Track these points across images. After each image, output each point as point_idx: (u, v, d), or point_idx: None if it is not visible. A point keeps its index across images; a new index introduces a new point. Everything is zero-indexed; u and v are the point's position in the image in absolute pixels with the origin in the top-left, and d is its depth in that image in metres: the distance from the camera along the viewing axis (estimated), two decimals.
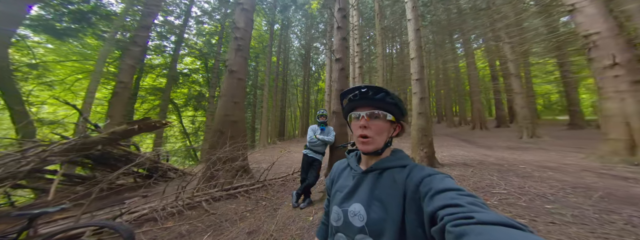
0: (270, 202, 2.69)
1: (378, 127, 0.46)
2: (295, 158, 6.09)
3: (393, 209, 0.39)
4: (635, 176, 2.59)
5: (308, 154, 2.53)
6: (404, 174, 0.42)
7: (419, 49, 4.09)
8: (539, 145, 5.37)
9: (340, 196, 0.49)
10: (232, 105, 3.63)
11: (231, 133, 3.47)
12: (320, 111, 2.62)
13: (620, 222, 1.54)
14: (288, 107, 21.20)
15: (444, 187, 0.34)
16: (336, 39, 3.16)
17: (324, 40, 17.33)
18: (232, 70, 3.79)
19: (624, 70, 3.46)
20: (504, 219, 0.24)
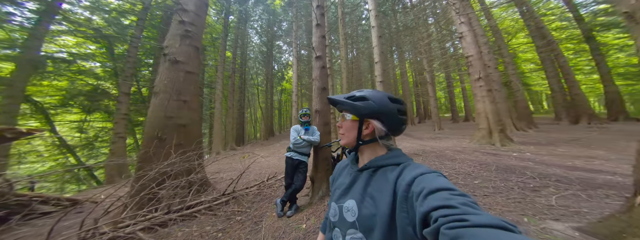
0: (246, 216, 2.16)
1: (345, 126, 0.50)
2: (266, 163, 5.27)
3: (383, 206, 0.38)
4: (497, 152, 3.63)
5: (293, 157, 2.18)
6: (396, 172, 0.41)
7: (382, 54, 4.24)
8: (445, 135, 6.95)
9: (338, 193, 0.49)
10: (177, 105, 2.66)
11: (178, 140, 2.55)
12: (303, 110, 2.28)
13: (516, 187, 1.91)
14: (247, 108, 18.44)
15: (437, 186, 0.32)
16: (316, 36, 2.87)
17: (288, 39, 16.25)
18: (176, 60, 2.69)
19: (484, 82, 4.78)
20: (496, 221, 0.24)
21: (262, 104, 17.81)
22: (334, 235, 0.46)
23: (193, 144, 2.68)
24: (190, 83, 2.83)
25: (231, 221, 2.03)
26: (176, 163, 2.26)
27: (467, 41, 5.18)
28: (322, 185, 2.34)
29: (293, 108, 9.15)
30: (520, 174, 2.32)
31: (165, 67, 2.74)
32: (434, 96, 9.38)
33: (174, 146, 2.41)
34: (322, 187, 2.33)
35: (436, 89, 11.42)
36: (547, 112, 13.33)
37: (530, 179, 2.16)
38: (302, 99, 16.57)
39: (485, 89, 4.87)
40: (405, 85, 14.99)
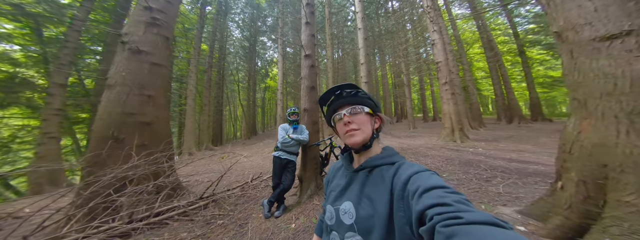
0: (230, 219, 2.02)
1: (360, 120, 0.45)
2: (249, 163, 4.95)
3: (380, 206, 0.37)
4: (458, 148, 4.16)
5: (281, 156, 2.10)
6: (392, 171, 0.40)
7: (368, 56, 4.35)
8: (418, 133, 7.65)
9: (334, 195, 0.47)
10: (139, 100, 2.27)
11: (141, 140, 2.19)
12: (291, 109, 2.20)
13: (474, 179, 2.22)
14: (226, 106, 16.98)
15: (432, 184, 0.32)
16: (305, 35, 2.77)
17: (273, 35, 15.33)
18: (139, 50, 2.30)
19: (449, 86, 5.38)
20: (489, 218, 0.24)
21: (243, 102, 16.62)
22: (331, 238, 0.44)
23: (161, 144, 2.32)
24: (157, 76, 2.43)
25: (212, 225, 1.89)
26: (140, 166, 1.93)
27: (438, 48, 5.75)
28: (311, 184, 2.32)
29: (278, 106, 8.72)
30: (476, 167, 2.71)
31: (124, 57, 2.28)
32: (409, 97, 10.21)
33: (135, 147, 2.04)
34: (311, 186, 2.31)
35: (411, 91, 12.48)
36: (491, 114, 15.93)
37: (483, 171, 2.53)
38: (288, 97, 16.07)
39: (450, 92, 5.51)
40: (386, 86, 15.88)
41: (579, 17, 1.10)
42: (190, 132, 7.84)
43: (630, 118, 0.96)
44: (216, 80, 12.62)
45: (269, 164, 4.61)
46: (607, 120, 1.03)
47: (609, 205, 1.00)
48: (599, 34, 1.04)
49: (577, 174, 1.14)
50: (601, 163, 1.04)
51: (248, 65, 15.91)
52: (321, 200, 2.14)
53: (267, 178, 3.25)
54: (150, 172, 2.02)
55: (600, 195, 1.04)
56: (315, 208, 2.02)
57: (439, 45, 5.76)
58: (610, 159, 1.01)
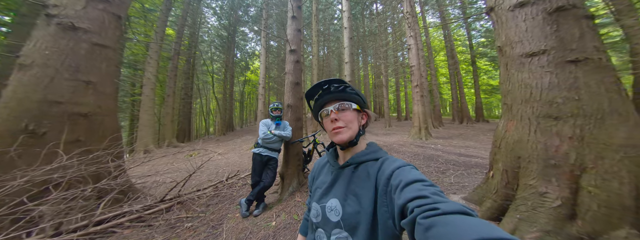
0: (200, 221, 1.86)
1: (347, 117, 0.44)
2: (224, 161, 4.58)
3: (366, 202, 0.38)
4: (423, 145, 4.68)
5: (262, 153, 2.01)
6: (376, 167, 0.40)
7: (352, 55, 4.38)
8: (393, 131, 8.26)
9: (319, 192, 0.46)
10: (72, 87, 1.83)
11: (75, 135, 1.79)
12: (274, 104, 2.10)
13: (434, 171, 2.52)
14: (197, 98, 15.20)
15: (412, 178, 0.33)
16: (291, 29, 2.62)
17: (255, 26, 14.13)
18: (74, 26, 1.86)
19: (419, 88, 5.91)
20: (461, 207, 0.26)
21: (218, 95, 15.12)
22: (317, 236, 0.44)
23: (104, 140, 1.91)
24: (101, 60, 1.98)
25: (177, 229, 1.71)
26: (71, 166, 1.56)
27: (413, 53, 6.22)
28: (293, 181, 2.26)
29: (259, 101, 8.20)
30: (436, 161, 3.10)
31: (50, 33, 1.76)
32: (387, 98, 10.90)
33: (64, 144, 1.63)
34: (293, 183, 2.26)
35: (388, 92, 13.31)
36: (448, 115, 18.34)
37: (441, 164, 2.92)
38: (270, 93, 15.28)
39: (420, 95, 6.07)
40: (366, 86, 16.52)
41: (515, 35, 1.31)
42: (146, 127, 6.64)
43: (538, 120, 1.20)
44: (184, 70, 11.06)
45: (247, 161, 4.36)
46: (524, 121, 1.27)
47: (520, 188, 1.25)
48: (525, 50, 1.26)
49: (502, 165, 1.39)
50: (517, 155, 1.29)
51: (226, 56, 14.44)
52: (303, 197, 2.11)
53: (245, 176, 3.07)
54: (89, 174, 1.65)
55: (515, 181, 1.30)
56: (298, 205, 1.99)
57: (413, 50, 6.23)
58: (523, 152, 1.25)
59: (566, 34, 1.12)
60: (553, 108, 1.14)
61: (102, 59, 1.99)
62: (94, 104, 1.88)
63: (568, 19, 1.13)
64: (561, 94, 1.12)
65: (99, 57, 1.96)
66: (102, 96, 1.97)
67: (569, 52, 1.11)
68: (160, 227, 1.71)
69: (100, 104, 1.94)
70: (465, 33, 13.34)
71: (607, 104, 1.03)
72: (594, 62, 1.07)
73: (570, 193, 1.05)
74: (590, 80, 1.06)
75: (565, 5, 1.12)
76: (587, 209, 1.00)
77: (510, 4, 1.33)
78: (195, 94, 14.26)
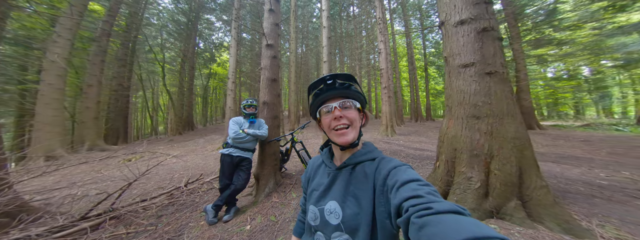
0: (149, 236, 1.60)
1: (351, 116, 0.43)
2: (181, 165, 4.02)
3: (365, 203, 0.38)
4: (389, 141, 5.29)
5: (232, 154, 1.86)
6: (373, 167, 0.41)
7: (330, 54, 4.41)
8: (365, 129, 8.73)
9: (317, 195, 0.45)
10: None
11: None
12: (248, 101, 1.96)
13: None
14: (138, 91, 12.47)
15: (408, 178, 0.33)
16: (268, 23, 2.44)
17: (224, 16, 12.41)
18: None
19: (387, 90, 6.55)
20: (453, 207, 0.26)
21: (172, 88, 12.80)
22: (316, 239, 0.43)
23: None
24: None
25: None
26: None
27: (383, 57, 6.80)
28: (269, 181, 2.16)
29: (229, 97, 7.27)
30: (399, 155, 3.53)
31: None
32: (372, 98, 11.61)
33: None
34: (269, 183, 2.15)
35: None
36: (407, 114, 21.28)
37: (402, 158, 3.34)
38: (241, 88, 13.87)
39: (387, 96, 6.73)
40: None
41: (456, 47, 1.60)
42: (49, 125, 4.83)
43: (467, 119, 1.52)
44: (118, 56, 8.80)
45: (214, 163, 3.95)
46: (458, 120, 1.58)
47: (456, 175, 1.56)
48: (462, 62, 1.56)
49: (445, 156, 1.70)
50: (454, 148, 1.60)
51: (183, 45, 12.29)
52: (281, 198, 2.04)
53: (211, 180, 2.77)
54: None
55: (453, 169, 1.61)
56: (275, 206, 1.91)
57: (383, 54, 6.83)
58: (458, 145, 1.57)
59: (486, 50, 1.46)
60: (476, 109, 1.47)
61: None
62: None
63: (489, 38, 1.47)
64: (481, 98, 1.45)
65: None
66: None
67: (487, 66, 1.45)
68: None
69: None
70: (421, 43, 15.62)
71: (505, 107, 1.40)
72: (500, 75, 1.43)
73: (485, 176, 1.38)
74: (498, 89, 1.42)
75: (487, 27, 1.45)
76: (494, 188, 1.34)
77: (454, 20, 1.61)
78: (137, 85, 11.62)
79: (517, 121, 1.40)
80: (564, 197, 1.64)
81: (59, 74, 5.06)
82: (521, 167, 1.34)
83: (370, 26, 13.72)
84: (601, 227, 1.20)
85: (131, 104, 10.81)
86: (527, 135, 1.44)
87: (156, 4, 11.68)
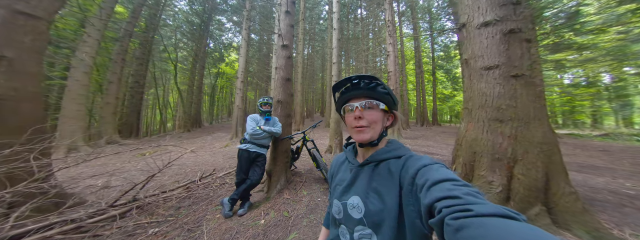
0: (170, 226, 1.66)
1: (372, 117, 0.43)
2: (193, 160, 4.09)
3: (390, 200, 0.37)
4: None
5: (250, 149, 1.92)
6: (399, 165, 0.40)
7: (339, 56, 4.44)
8: None
9: (340, 189, 0.47)
10: None
11: None
12: (264, 99, 2.03)
13: None
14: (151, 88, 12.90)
15: (440, 177, 0.31)
16: (284, 24, 2.54)
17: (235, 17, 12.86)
18: None
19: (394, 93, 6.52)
20: (501, 210, 0.23)
21: (182, 86, 13.19)
22: (341, 232, 0.44)
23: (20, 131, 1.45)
24: (25, 32, 1.51)
25: (137, 237, 1.50)
26: None
27: (391, 59, 6.77)
28: (281, 178, 2.22)
29: (237, 96, 7.53)
30: None
31: None
32: None
33: None
34: (281, 180, 2.21)
35: None
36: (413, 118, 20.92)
37: None
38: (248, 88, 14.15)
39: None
40: None
41: (479, 50, 1.59)
42: (72, 119, 5.07)
43: (489, 122, 1.50)
44: (137, 55, 9.19)
45: (221, 160, 4.06)
46: (479, 123, 1.56)
47: (475, 179, 1.54)
48: (485, 64, 1.54)
49: (462, 159, 1.67)
50: (474, 151, 1.58)
51: (196, 45, 12.71)
52: (292, 195, 2.09)
53: (222, 175, 2.86)
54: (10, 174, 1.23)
55: (471, 173, 1.59)
56: (286, 202, 1.95)
57: (392, 57, 6.79)
58: (478, 148, 1.54)
59: (513, 53, 1.44)
60: (499, 113, 1.44)
61: (27, 31, 1.53)
62: (6, 85, 1.41)
63: (516, 40, 1.45)
64: (505, 101, 1.42)
65: (23, 29, 1.50)
66: (21, 76, 1.49)
67: (512, 68, 1.42)
68: (113, 236, 1.46)
69: (17, 85, 1.46)
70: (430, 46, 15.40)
71: (532, 111, 1.37)
72: (527, 78, 1.41)
73: (506, 180, 1.36)
74: (524, 92, 1.39)
75: (515, 29, 1.43)
76: (516, 193, 1.31)
77: (477, 22, 1.60)
78: (150, 83, 12.05)
79: (544, 126, 1.37)
80: (592, 205, 1.58)
81: (86, 71, 5.36)
82: (548, 173, 1.31)
83: (377, 29, 13.72)
84: (635, 237, 1.15)
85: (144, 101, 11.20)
86: (556, 141, 1.40)
87: (172, 5, 12.15)
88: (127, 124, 8.76)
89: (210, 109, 20.12)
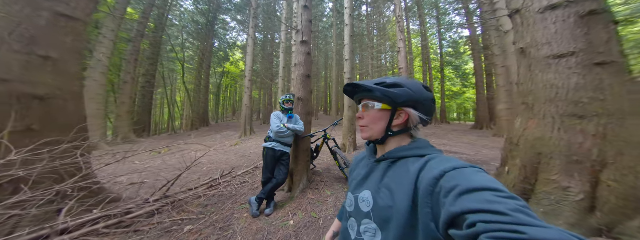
0: (202, 224, 1.65)
1: (371, 117, 0.45)
2: (207, 159, 4.09)
3: (401, 198, 0.35)
4: None
5: (275, 148, 1.89)
6: (419, 165, 0.37)
7: (352, 53, 4.32)
8: None
9: (354, 184, 0.49)
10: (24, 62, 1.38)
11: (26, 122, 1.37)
12: (287, 96, 2.01)
13: None
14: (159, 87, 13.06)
15: (477, 185, 0.26)
16: (302, 19, 2.50)
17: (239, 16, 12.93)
18: None
19: None
20: (565, 236, 0.19)
21: (189, 85, 13.29)
22: (350, 224, 0.45)
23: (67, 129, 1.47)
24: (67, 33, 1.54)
25: (175, 233, 1.50)
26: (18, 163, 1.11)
27: (402, 56, 6.49)
28: (303, 177, 2.17)
29: (245, 94, 7.55)
30: None
31: None
32: None
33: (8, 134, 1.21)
34: (303, 180, 2.16)
35: None
36: None
37: None
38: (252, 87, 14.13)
39: None
40: None
41: (543, 37, 1.38)
42: (93, 118, 5.10)
43: (562, 119, 1.30)
44: (148, 55, 9.31)
45: (235, 158, 4.07)
46: (547, 120, 1.36)
47: (540, 183, 1.34)
48: (553, 52, 1.34)
49: (520, 161, 1.48)
50: (538, 152, 1.38)
51: (202, 45, 12.75)
52: (316, 195, 2.08)
53: (242, 174, 2.90)
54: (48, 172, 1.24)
55: (534, 176, 1.39)
56: (312, 203, 1.90)
57: (403, 53, 6.51)
58: (545, 149, 1.35)
59: (595, 37, 1.22)
60: (578, 108, 1.24)
61: (69, 32, 1.55)
62: (53, 85, 1.43)
63: (598, 23, 1.23)
64: (587, 94, 1.22)
65: (65, 30, 1.53)
66: (64, 76, 1.51)
67: (596, 55, 1.21)
68: (152, 232, 1.48)
69: (62, 85, 1.49)
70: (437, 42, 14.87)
71: (628, 105, 1.15)
72: (618, 66, 1.20)
73: (590, 187, 1.16)
74: (614, 83, 1.18)
75: (598, 10, 1.22)
76: (605, 202, 1.12)
77: (540, 6, 1.39)
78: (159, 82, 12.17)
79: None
80: None
81: (103, 71, 5.56)
82: None
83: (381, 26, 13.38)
84: None
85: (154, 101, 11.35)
86: None
87: (179, 5, 12.17)
88: (140, 123, 8.87)
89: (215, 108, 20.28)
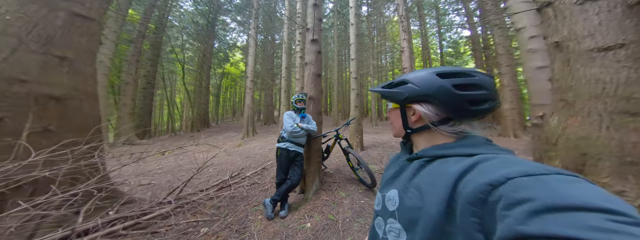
0: (218, 226, 1.62)
1: (391, 116, 0.49)
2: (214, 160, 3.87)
3: (432, 200, 0.31)
4: None
5: (289, 148, 1.84)
6: (463, 165, 0.31)
7: (358, 51, 4.24)
8: (380, 130, 8.77)
9: (383, 182, 0.48)
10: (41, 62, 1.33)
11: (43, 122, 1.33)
12: (299, 95, 1.95)
13: None
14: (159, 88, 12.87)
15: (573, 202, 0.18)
16: (312, 18, 2.47)
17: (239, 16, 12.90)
18: None
19: None
20: None
21: (190, 86, 13.15)
22: (377, 223, 0.44)
23: (83, 130, 1.44)
24: (82, 33, 1.51)
25: (191, 235, 1.47)
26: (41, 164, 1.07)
27: (406, 55, 6.44)
28: (315, 179, 2.10)
29: (247, 95, 7.49)
30: None
31: None
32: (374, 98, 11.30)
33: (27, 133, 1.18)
34: (315, 181, 2.10)
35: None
36: None
37: None
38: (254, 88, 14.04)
39: None
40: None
41: (584, 29, 1.30)
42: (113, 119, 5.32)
43: (611, 116, 1.22)
44: (149, 56, 9.19)
45: (240, 160, 3.99)
46: (592, 118, 1.28)
47: None
48: (597, 45, 1.26)
49: (560, 162, 1.39)
50: (583, 152, 1.29)
51: (202, 46, 12.65)
52: (330, 196, 2.05)
53: (250, 175, 2.84)
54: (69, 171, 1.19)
55: None
56: (327, 204, 1.84)
57: (406, 53, 6.46)
58: (590, 149, 1.27)
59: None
60: (631, 104, 1.16)
61: (84, 33, 1.51)
62: (69, 85, 1.39)
63: None
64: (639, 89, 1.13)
65: (81, 30, 1.50)
66: (80, 76, 1.47)
67: None
68: (169, 233, 1.45)
69: (78, 86, 1.44)
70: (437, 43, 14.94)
71: None
72: None
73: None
74: None
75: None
76: None
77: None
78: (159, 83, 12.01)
79: None
80: None
81: (105, 73, 5.44)
82: None
83: (381, 26, 13.43)
84: None
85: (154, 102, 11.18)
86: None
87: (178, 6, 12.07)
88: (141, 125, 8.69)
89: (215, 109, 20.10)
